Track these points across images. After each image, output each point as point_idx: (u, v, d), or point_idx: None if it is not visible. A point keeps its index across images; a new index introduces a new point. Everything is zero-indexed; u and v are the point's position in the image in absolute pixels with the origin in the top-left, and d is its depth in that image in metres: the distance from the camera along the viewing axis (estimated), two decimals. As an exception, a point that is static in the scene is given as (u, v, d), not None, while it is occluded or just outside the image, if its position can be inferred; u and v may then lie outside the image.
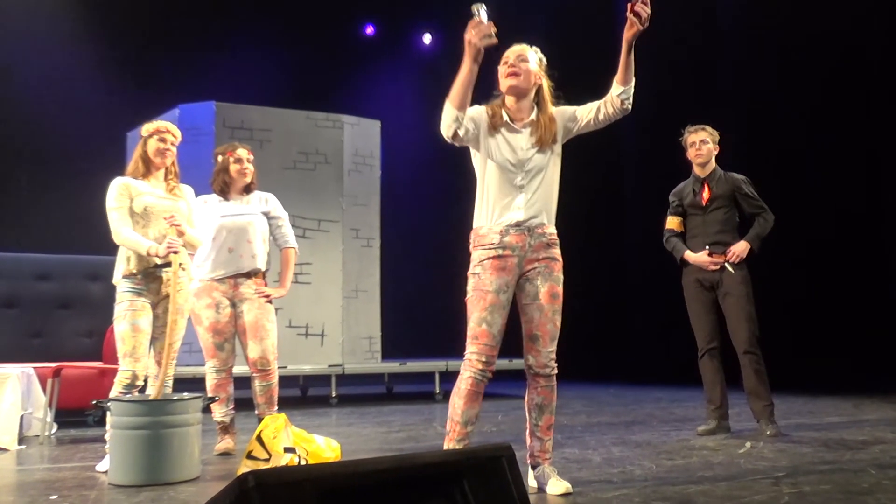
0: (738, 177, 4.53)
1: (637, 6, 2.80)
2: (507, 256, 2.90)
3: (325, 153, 6.92)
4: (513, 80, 2.94)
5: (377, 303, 7.19)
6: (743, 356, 4.36)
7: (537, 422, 2.97)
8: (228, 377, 4.02)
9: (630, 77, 2.94)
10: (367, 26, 10.43)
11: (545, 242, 2.95)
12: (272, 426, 3.31)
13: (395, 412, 6.04)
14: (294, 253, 4.24)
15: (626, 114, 2.99)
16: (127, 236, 3.58)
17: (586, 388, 7.91)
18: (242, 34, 8.95)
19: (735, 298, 4.37)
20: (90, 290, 5.95)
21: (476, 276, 2.91)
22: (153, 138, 3.73)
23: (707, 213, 4.50)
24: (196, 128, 6.48)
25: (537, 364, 2.94)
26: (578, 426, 4.93)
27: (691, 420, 5.04)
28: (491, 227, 2.92)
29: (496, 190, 2.93)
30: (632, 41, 2.88)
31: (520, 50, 2.98)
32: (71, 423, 5.26)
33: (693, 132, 4.56)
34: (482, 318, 2.87)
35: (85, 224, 5.29)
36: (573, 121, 3.03)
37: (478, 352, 2.88)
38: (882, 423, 4.73)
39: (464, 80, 2.76)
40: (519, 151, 2.94)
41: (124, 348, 3.56)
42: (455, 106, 2.81)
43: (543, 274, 2.94)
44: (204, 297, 3.95)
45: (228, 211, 4.05)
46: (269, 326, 4.03)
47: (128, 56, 8.17)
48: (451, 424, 2.91)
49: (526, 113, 3.00)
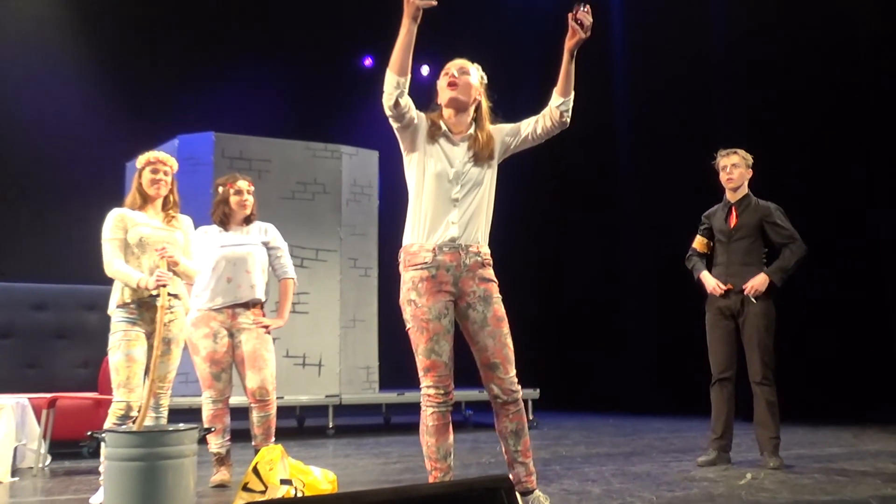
0: (769, 205, 4.41)
1: (579, 14, 2.77)
2: (441, 276, 2.82)
3: (324, 183, 6.95)
4: (452, 91, 2.91)
5: (375, 332, 7.16)
6: (756, 387, 4.32)
7: (516, 447, 2.91)
8: (225, 408, 4.00)
9: (570, 88, 2.90)
10: (366, 58, 10.53)
11: (480, 262, 2.88)
12: (268, 457, 3.28)
13: (393, 443, 5.99)
14: (293, 284, 4.24)
15: (564, 127, 2.94)
16: (118, 268, 3.58)
17: (585, 418, 7.86)
18: (242, 65, 9.03)
19: (753, 329, 4.31)
20: (87, 319, 5.93)
21: (412, 303, 2.83)
22: (146, 169, 3.75)
23: (731, 241, 4.41)
24: (195, 158, 6.52)
25: (503, 392, 2.87)
26: (577, 457, 4.89)
27: (691, 451, 5.00)
28: (423, 245, 2.85)
29: (430, 204, 2.87)
30: (573, 50, 2.84)
31: (461, 63, 2.96)
32: (65, 454, 5.21)
33: (725, 155, 4.46)
34: (429, 349, 2.81)
35: (82, 254, 5.28)
36: (511, 135, 2.99)
37: (434, 384, 2.82)
38: (883, 455, 4.69)
39: (403, 41, 2.72)
40: (455, 163, 2.89)
41: (118, 379, 3.54)
42: (395, 71, 2.75)
43: (483, 298, 2.87)
44: (202, 327, 3.94)
45: (228, 241, 4.06)
46: (268, 356, 4.01)
47: (127, 86, 8.23)
48: (431, 463, 2.84)
49: (464, 127, 2.95)
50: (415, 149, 2.93)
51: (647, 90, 8.27)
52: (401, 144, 2.96)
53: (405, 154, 2.97)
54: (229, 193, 4.11)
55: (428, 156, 2.90)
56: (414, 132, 2.91)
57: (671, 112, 8.10)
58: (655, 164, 8.50)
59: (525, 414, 2.94)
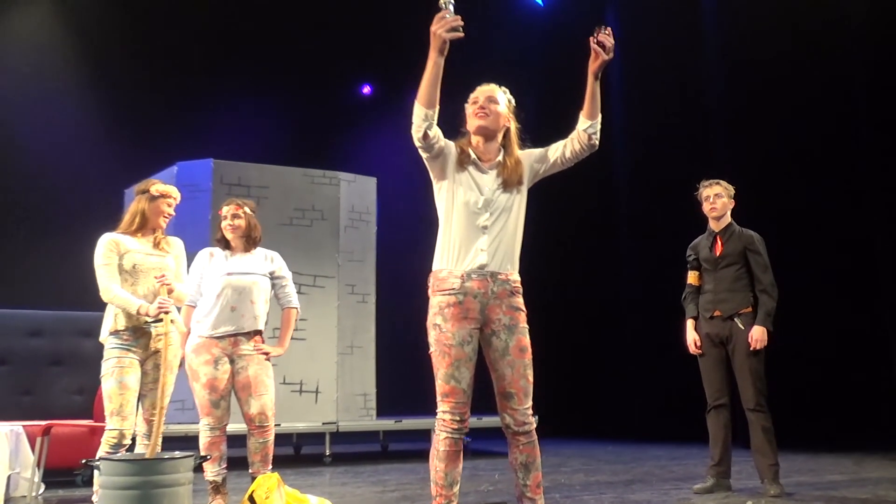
0: (752, 234, 4.50)
1: (601, 36, 2.79)
2: (468, 303, 2.81)
3: (322, 209, 6.96)
4: (482, 120, 2.91)
5: (372, 359, 7.13)
6: (750, 413, 4.32)
7: (525, 481, 2.87)
8: (222, 435, 3.96)
9: (597, 111, 2.90)
10: (365, 86, 10.62)
11: (509, 290, 2.88)
12: (265, 486, 3.25)
13: (391, 471, 5.94)
14: (296, 313, 4.24)
15: (593, 150, 2.94)
16: (117, 293, 3.57)
17: (584, 445, 7.81)
18: (240, 92, 9.09)
19: (743, 356, 4.33)
20: (83, 346, 5.90)
21: (437, 327, 2.83)
22: (163, 200, 3.77)
23: (718, 269, 4.48)
24: (194, 185, 6.53)
25: (515, 423, 2.85)
26: (577, 485, 4.85)
27: (691, 478, 4.96)
28: (451, 271, 2.85)
29: (459, 230, 2.86)
30: (598, 72, 2.85)
31: (489, 91, 2.95)
32: (59, 483, 5.15)
33: (707, 186, 4.57)
34: (449, 374, 2.79)
35: (78, 280, 5.27)
36: (540, 161, 2.99)
37: (450, 410, 2.80)
38: (884, 482, 4.66)
39: (430, 74, 2.71)
40: (485, 190, 2.89)
41: (111, 406, 3.52)
42: (424, 104, 2.75)
43: (509, 326, 2.85)
44: (203, 354, 3.91)
45: (234, 268, 4.03)
46: (269, 382, 4.00)
47: (126, 112, 8.26)
48: (437, 489, 2.81)
49: (493, 154, 2.95)
50: (444, 177, 2.93)
51: (644, 125, 8.35)
52: (430, 173, 2.97)
53: (435, 182, 2.97)
54: (223, 221, 4.13)
55: (457, 184, 2.91)
56: (443, 161, 2.91)
57: (669, 141, 8.15)
58: (655, 189, 8.55)
59: (538, 447, 2.89)
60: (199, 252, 4.11)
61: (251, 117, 8.98)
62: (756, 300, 4.40)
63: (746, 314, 4.39)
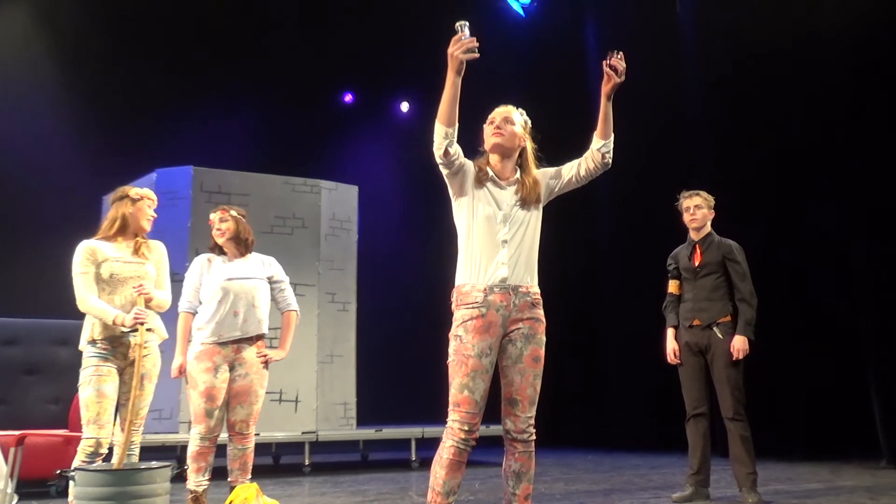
0: (731, 243, 4.56)
1: (613, 60, 2.91)
2: (490, 316, 2.87)
3: (303, 217, 6.94)
4: (498, 138, 3.00)
5: (353, 368, 7.10)
6: (728, 422, 4.36)
7: (515, 490, 2.90)
8: (212, 447, 3.90)
9: (610, 131, 3.02)
10: (346, 94, 10.62)
11: (530, 302, 2.94)
12: (242, 496, 3.22)
13: (371, 480, 5.91)
14: (296, 316, 4.26)
15: (606, 168, 3.05)
16: (93, 303, 3.53)
17: (564, 454, 7.82)
18: (221, 99, 9.06)
19: (722, 365, 4.37)
20: (58, 355, 5.81)
21: (458, 338, 2.87)
22: (144, 203, 3.74)
23: (697, 278, 4.54)
24: (173, 192, 6.49)
25: (515, 429, 2.89)
26: (557, 494, 4.85)
27: (670, 487, 4.98)
28: (475, 285, 2.90)
29: (480, 245, 2.93)
30: (610, 94, 2.98)
31: (505, 112, 3.05)
32: (33, 493, 5.07)
33: (687, 197, 4.65)
34: (464, 384, 2.82)
35: (54, 288, 5.21)
36: (556, 178, 3.09)
37: (460, 420, 2.83)
38: (859, 490, 4.71)
39: (449, 94, 2.81)
40: (503, 206, 2.97)
41: (88, 415, 3.48)
42: (444, 122, 2.85)
43: (527, 336, 2.91)
44: (204, 361, 3.88)
45: (235, 273, 4.02)
46: (261, 392, 4.01)
47: (104, 119, 8.19)
48: (432, 495, 2.83)
49: (510, 172, 3.05)
50: (463, 193, 3.01)
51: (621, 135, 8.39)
52: (449, 189, 3.05)
53: (454, 199, 3.05)
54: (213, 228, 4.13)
55: (477, 200, 2.98)
56: (463, 178, 3.00)
57: (648, 152, 8.21)
58: (632, 200, 8.61)
59: (534, 460, 2.92)
60: (196, 258, 4.11)
61: (232, 124, 8.94)
62: (736, 309, 4.44)
63: (725, 323, 4.43)
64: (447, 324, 2.94)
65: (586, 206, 9.32)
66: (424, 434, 6.73)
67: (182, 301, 4.03)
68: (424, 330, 8.58)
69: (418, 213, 9.99)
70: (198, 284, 4.01)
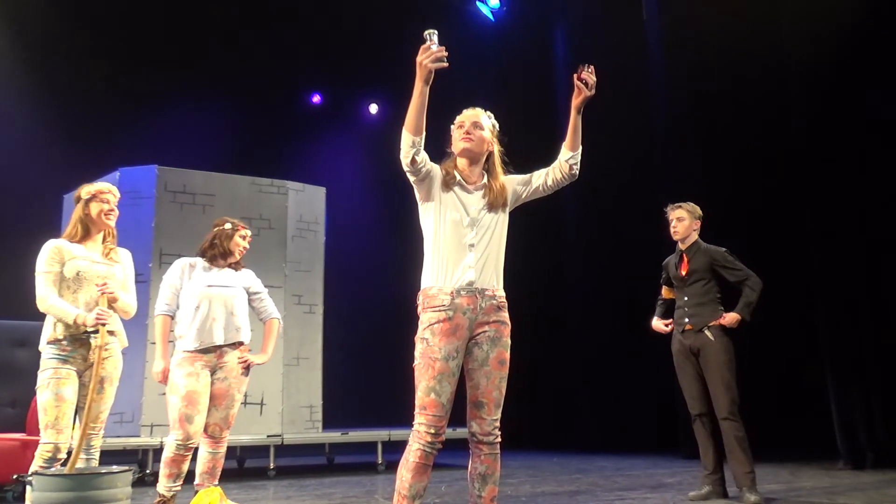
0: (718, 250, 4.71)
1: (583, 74, 2.93)
2: (457, 319, 2.87)
3: (269, 218, 6.88)
4: (467, 143, 3.00)
5: (319, 371, 7.05)
6: (722, 422, 4.46)
7: (480, 493, 2.90)
8: (188, 455, 3.84)
9: (578, 143, 3.04)
10: (314, 95, 10.57)
11: (496, 305, 2.95)
12: (207, 500, 3.18)
13: (337, 484, 5.87)
14: (278, 323, 4.26)
15: (573, 179, 3.08)
16: (52, 303, 3.46)
17: (530, 457, 7.85)
18: (187, 98, 8.95)
19: (714, 366, 4.50)
20: (15, 356, 5.67)
21: (424, 341, 2.87)
22: (95, 200, 3.65)
23: (686, 285, 4.70)
24: (136, 191, 6.40)
25: (481, 432, 2.89)
26: (523, 496, 4.87)
27: (635, 489, 5.03)
28: (441, 288, 2.90)
29: (447, 248, 2.94)
30: (580, 107, 2.99)
31: (474, 115, 3.05)
32: (-12, 499, 4.95)
33: (672, 210, 4.82)
34: (430, 387, 2.82)
35: (13, 288, 5.10)
36: (523, 185, 3.10)
37: (426, 423, 2.82)
38: (817, 490, 4.80)
39: (416, 103, 2.81)
40: (471, 210, 2.98)
41: (46, 419, 3.40)
42: (411, 131, 2.84)
43: (493, 339, 2.92)
44: (185, 367, 3.85)
45: (216, 281, 4.02)
46: (238, 397, 4.00)
47: (67, 117, 8.04)
48: (398, 498, 2.82)
49: (477, 177, 3.05)
50: (430, 198, 3.00)
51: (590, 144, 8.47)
52: (416, 193, 3.04)
53: (421, 203, 3.04)
54: (234, 234, 4.09)
55: (444, 204, 2.98)
56: (430, 183, 2.99)
57: (617, 161, 8.29)
58: (602, 208, 8.69)
59: (500, 462, 2.92)
60: (177, 261, 4.07)
61: (198, 124, 8.84)
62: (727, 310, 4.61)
63: (716, 326, 4.56)
64: (414, 327, 2.93)
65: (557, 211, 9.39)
66: (391, 437, 6.71)
67: (159, 303, 3.98)
68: (391, 333, 8.56)
69: (386, 215, 9.98)
70: (178, 286, 3.98)
